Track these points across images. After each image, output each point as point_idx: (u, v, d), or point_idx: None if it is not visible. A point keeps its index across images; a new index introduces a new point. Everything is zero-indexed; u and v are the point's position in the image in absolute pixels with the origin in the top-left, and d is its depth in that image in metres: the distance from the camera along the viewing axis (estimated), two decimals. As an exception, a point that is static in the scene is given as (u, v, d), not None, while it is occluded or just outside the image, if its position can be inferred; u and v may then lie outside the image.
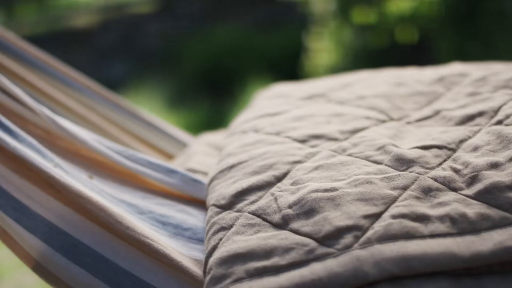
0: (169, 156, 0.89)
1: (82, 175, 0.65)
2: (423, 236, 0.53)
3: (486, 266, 0.52)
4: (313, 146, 0.68)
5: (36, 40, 4.04)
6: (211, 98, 3.27)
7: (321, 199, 0.57)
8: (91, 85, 0.90)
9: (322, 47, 2.65)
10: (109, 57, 3.96)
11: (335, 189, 0.58)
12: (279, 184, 0.62)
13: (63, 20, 4.18)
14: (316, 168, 0.63)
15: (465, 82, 0.77)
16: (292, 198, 0.59)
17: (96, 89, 0.90)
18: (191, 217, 0.65)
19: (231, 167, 0.67)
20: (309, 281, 0.51)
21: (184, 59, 3.68)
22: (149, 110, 3.22)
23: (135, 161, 0.70)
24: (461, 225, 0.53)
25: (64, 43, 4.00)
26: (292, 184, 0.61)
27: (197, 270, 0.58)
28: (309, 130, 0.71)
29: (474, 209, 0.55)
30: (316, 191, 0.58)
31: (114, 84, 3.75)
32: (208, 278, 0.54)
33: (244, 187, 0.62)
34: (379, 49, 2.58)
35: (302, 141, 0.69)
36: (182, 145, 0.90)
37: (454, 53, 2.42)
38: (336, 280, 0.50)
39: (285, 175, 0.63)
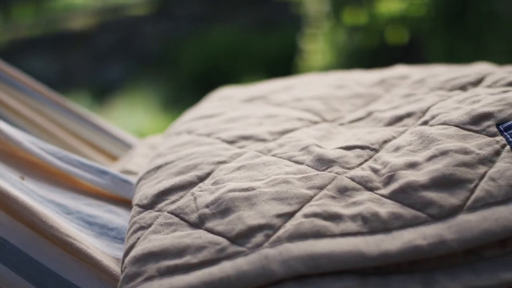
0: (115, 158, 0.90)
1: (13, 176, 0.66)
2: (333, 235, 0.53)
3: (395, 265, 0.53)
4: (240, 147, 0.69)
5: (33, 42, 4.08)
6: (207, 100, 3.28)
7: (237, 199, 0.58)
8: (38, 87, 0.91)
9: (316, 48, 2.66)
10: (106, 59, 3.98)
11: (252, 189, 0.59)
12: (200, 184, 0.63)
13: (60, 22, 4.20)
14: (239, 168, 0.63)
15: (404, 84, 0.78)
16: (210, 198, 0.59)
17: (42, 91, 0.91)
18: (118, 217, 0.66)
19: (158, 167, 0.68)
20: (218, 279, 0.51)
21: (181, 61, 3.70)
22: (146, 111, 3.24)
23: (67, 162, 0.71)
24: (373, 224, 0.54)
25: (61, 45, 4.03)
26: (213, 184, 0.62)
27: (117, 269, 0.59)
28: (239, 131, 0.71)
29: (387, 208, 0.55)
30: (234, 190, 0.59)
31: (111, 86, 3.77)
32: (122, 276, 0.55)
33: (166, 187, 0.63)
34: (372, 50, 2.59)
35: (231, 142, 0.70)
36: (128, 147, 0.92)
37: (445, 53, 2.43)
38: (244, 278, 0.51)
39: (208, 175, 0.64)
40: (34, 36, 4.08)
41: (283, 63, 3.33)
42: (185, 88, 3.51)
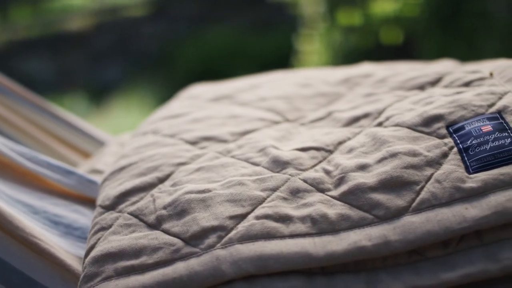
0: (88, 156, 0.93)
1: (-17, 177, 0.69)
2: (283, 236, 0.55)
3: (341, 265, 0.55)
4: (202, 148, 0.70)
5: (31, 43, 4.10)
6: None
7: (193, 200, 0.60)
8: (12, 86, 0.93)
9: (312, 49, 2.67)
10: (104, 60, 4.00)
11: (208, 191, 0.61)
12: (160, 186, 0.64)
13: (57, 23, 4.22)
14: (198, 169, 0.65)
15: (367, 83, 0.79)
16: (168, 199, 0.61)
17: (17, 90, 0.93)
18: (83, 217, 0.69)
19: (122, 168, 0.69)
20: (171, 279, 0.54)
21: (178, 62, 3.72)
22: (143, 112, 3.26)
23: (36, 162, 0.73)
24: (321, 226, 0.56)
25: (59, 46, 4.05)
26: (172, 185, 0.64)
27: (80, 268, 0.62)
28: (202, 132, 0.73)
29: (336, 209, 0.57)
30: (191, 192, 0.61)
31: (109, 86, 3.79)
32: (81, 276, 0.57)
33: (127, 189, 0.65)
34: (368, 51, 2.60)
35: (193, 143, 0.71)
36: (101, 144, 0.94)
37: (439, 53, 2.44)
38: (195, 279, 0.53)
39: (168, 176, 0.66)
40: (32, 37, 4.10)
41: (279, 64, 3.34)
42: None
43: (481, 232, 0.55)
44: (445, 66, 0.81)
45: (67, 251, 0.64)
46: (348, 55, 2.63)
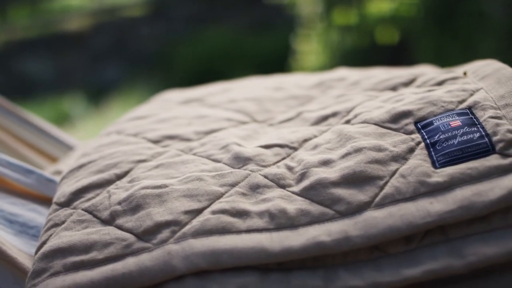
0: (56, 160, 0.91)
1: None
2: (239, 231, 0.53)
3: (299, 261, 0.53)
4: (164, 146, 0.68)
5: (29, 43, 4.10)
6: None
7: (148, 196, 0.58)
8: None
9: (309, 49, 2.66)
10: (102, 60, 4.00)
11: (165, 186, 0.59)
12: (117, 182, 0.62)
13: (56, 24, 4.22)
14: (157, 166, 0.63)
15: (341, 86, 0.78)
16: (123, 195, 0.59)
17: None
18: (40, 216, 0.67)
19: (81, 166, 0.67)
20: (120, 274, 0.51)
21: (176, 62, 3.71)
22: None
23: (-4, 162, 0.72)
24: (279, 221, 0.54)
25: (57, 46, 4.04)
26: (129, 182, 0.62)
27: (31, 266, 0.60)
28: (166, 131, 0.71)
29: (296, 205, 0.55)
30: (147, 187, 0.59)
31: (107, 86, 3.78)
32: (29, 272, 0.55)
33: (84, 185, 0.63)
34: (365, 50, 2.59)
35: (156, 141, 0.70)
36: (69, 148, 0.92)
37: (435, 53, 2.43)
38: (145, 274, 0.51)
39: (126, 173, 0.64)
40: (30, 38, 4.10)
41: (277, 64, 3.35)
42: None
43: (446, 228, 0.53)
44: (421, 69, 0.79)
45: (20, 249, 0.62)
46: (345, 55, 2.62)
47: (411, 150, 0.58)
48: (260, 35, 3.78)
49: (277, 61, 3.29)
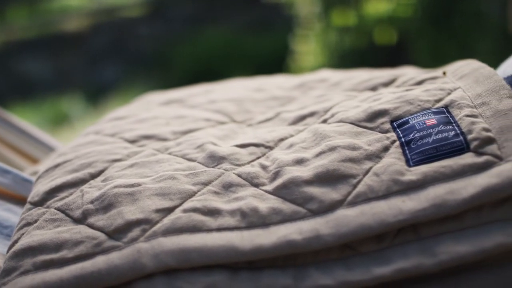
0: (37, 162, 0.90)
1: None
2: (209, 230, 0.53)
3: (270, 260, 0.52)
4: (140, 146, 0.68)
5: (28, 43, 4.11)
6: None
7: (121, 194, 0.58)
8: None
9: (308, 49, 2.66)
10: (101, 60, 4.00)
11: (138, 185, 0.58)
12: (91, 181, 0.62)
13: (54, 24, 4.23)
14: (132, 165, 0.63)
15: (322, 87, 0.77)
16: (96, 194, 0.59)
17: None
18: (15, 216, 0.66)
19: (56, 166, 0.67)
20: (89, 273, 0.51)
21: (174, 62, 3.71)
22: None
23: (-29, 161, 0.72)
24: (251, 219, 0.54)
25: (56, 46, 4.05)
26: (103, 181, 0.62)
27: None
28: (143, 131, 0.71)
29: (268, 203, 0.55)
30: (119, 186, 0.59)
31: (106, 87, 3.79)
32: (-1, 271, 0.55)
33: (57, 184, 0.63)
34: (364, 51, 2.59)
35: (132, 141, 0.69)
36: (50, 150, 0.92)
37: (432, 53, 2.43)
38: (115, 272, 0.51)
39: (100, 172, 0.63)
40: (29, 38, 4.11)
41: (275, 64, 3.35)
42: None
43: (419, 226, 0.52)
44: (403, 70, 0.79)
45: None
46: (343, 56, 2.62)
47: (386, 149, 0.58)
48: (259, 35, 3.78)
49: (276, 61, 3.29)
